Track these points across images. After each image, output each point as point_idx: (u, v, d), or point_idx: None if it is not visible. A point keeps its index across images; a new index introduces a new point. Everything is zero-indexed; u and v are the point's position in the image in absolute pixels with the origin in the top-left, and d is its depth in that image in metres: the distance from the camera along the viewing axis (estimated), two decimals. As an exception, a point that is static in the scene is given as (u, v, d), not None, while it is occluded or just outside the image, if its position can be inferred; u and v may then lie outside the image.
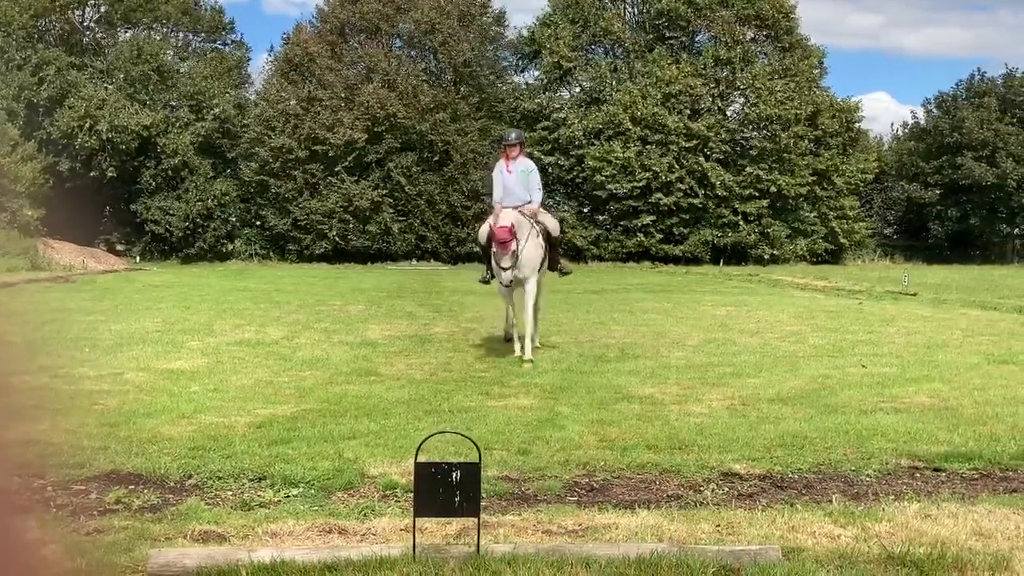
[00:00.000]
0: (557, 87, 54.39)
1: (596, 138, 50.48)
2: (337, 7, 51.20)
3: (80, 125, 47.44)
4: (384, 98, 47.17)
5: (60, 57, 49.28)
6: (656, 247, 50.07)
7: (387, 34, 51.15)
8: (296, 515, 5.28)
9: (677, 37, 53.09)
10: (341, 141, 47.15)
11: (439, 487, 4.40)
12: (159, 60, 50.94)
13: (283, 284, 29.20)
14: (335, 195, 47.62)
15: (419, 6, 50.39)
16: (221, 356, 12.05)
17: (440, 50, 50.37)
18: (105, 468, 6.33)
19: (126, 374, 10.44)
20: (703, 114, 50.93)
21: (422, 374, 10.75)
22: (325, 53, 49.39)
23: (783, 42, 53.26)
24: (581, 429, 7.62)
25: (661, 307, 20.46)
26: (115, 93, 49.27)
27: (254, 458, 6.61)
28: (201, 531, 4.93)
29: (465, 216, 48.29)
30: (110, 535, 4.89)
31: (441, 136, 48.62)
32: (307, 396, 9.23)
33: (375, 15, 49.92)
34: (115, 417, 7.98)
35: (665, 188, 49.31)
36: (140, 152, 49.49)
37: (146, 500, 5.66)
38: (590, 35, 53.38)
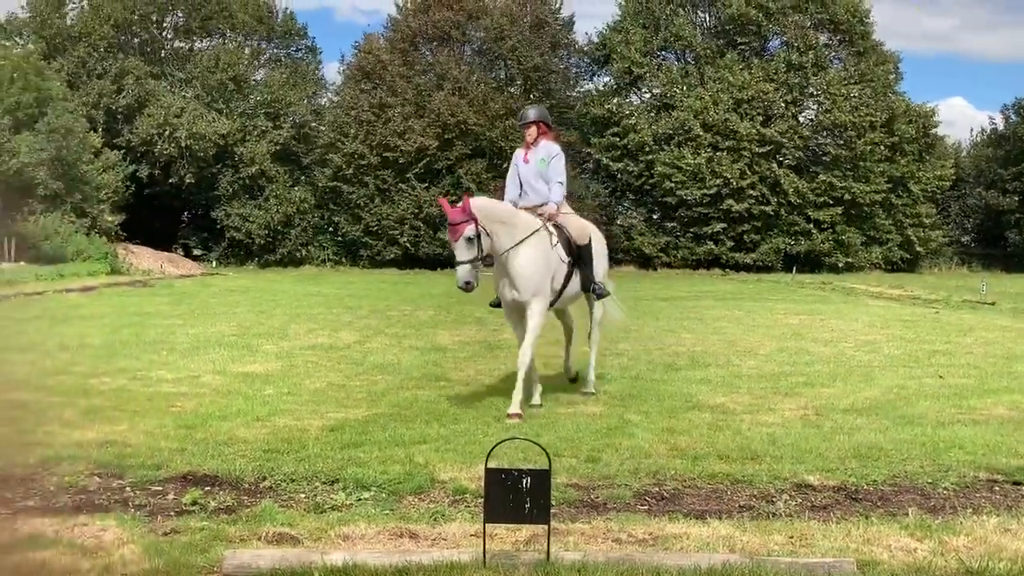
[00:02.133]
0: (627, 92, 54.21)
1: (666, 144, 50.21)
2: (409, 16, 51.67)
3: (159, 133, 48.51)
4: (454, 105, 47.44)
5: (139, 66, 50.43)
6: (727, 255, 49.61)
7: (458, 41, 51.48)
8: (368, 518, 5.32)
9: (749, 42, 52.57)
10: (412, 148, 47.54)
11: (509, 493, 4.40)
12: (235, 69, 51.86)
13: (355, 289, 29.50)
14: (406, 201, 48.04)
15: (490, 13, 50.64)
16: (295, 360, 12.20)
17: (510, 57, 50.52)
18: (182, 469, 6.44)
19: (203, 377, 10.63)
20: (775, 120, 50.36)
21: (491, 380, 10.77)
22: (396, 61, 49.86)
23: (857, 47, 52.45)
24: (651, 437, 7.57)
25: (732, 315, 20.24)
26: (193, 101, 50.27)
27: (327, 461, 6.68)
28: (275, 533, 4.99)
29: (535, 223, 48.32)
30: (186, 536, 4.97)
31: (511, 143, 48.63)
32: (378, 400, 9.30)
33: (446, 23, 50.26)
34: (192, 419, 8.12)
35: (736, 195, 48.85)
36: (217, 159, 50.44)
37: (221, 502, 5.75)
38: (661, 40, 53.11)
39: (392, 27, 52.74)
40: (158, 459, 6.65)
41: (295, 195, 50.67)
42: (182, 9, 53.73)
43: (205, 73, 51.22)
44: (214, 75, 51.04)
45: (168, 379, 10.44)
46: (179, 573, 4.40)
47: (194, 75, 52.11)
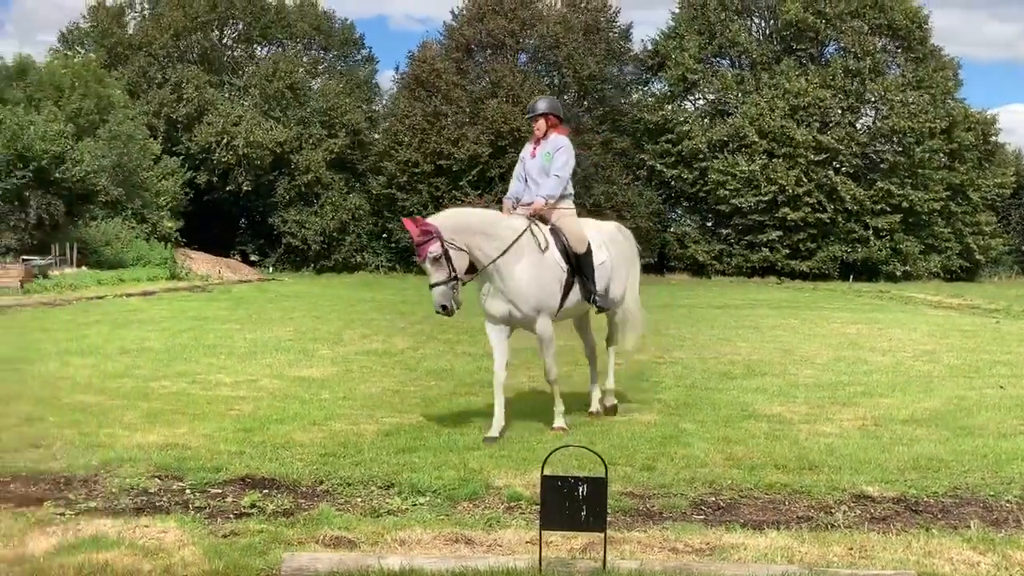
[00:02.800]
0: (681, 99, 53.95)
1: (720, 151, 49.89)
2: (464, 24, 51.90)
3: (217, 141, 49.20)
4: (508, 113, 47.54)
5: (199, 75, 51.19)
6: (782, 262, 49.14)
7: (512, 49, 51.59)
8: (423, 523, 5.34)
9: (805, 48, 52.08)
10: (465, 155, 47.74)
11: (565, 501, 4.39)
12: (293, 77, 52.45)
13: (408, 295, 29.64)
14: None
15: (545, 21, 50.71)
16: (350, 365, 12.29)
17: (565, 64, 50.53)
18: (241, 472, 6.52)
19: (260, 381, 10.74)
20: (832, 127, 49.81)
21: (543, 387, 10.73)
22: (451, 69, 50.09)
23: (916, 52, 51.72)
24: (707, 447, 7.52)
25: (788, 324, 20.03)
26: (251, 110, 50.92)
27: (382, 465, 6.73)
28: (332, 537, 5.03)
29: (587, 230, 48.26)
30: (245, 538, 5.03)
31: (564, 150, 48.74)
32: (432, 406, 9.34)
33: (501, 31, 50.42)
34: (250, 423, 8.21)
35: (792, 202, 48.38)
36: (274, 167, 51.05)
37: (279, 504, 5.80)
38: (716, 46, 52.80)
39: (447, 35, 53.02)
40: (217, 462, 6.73)
41: (350, 202, 51.11)
42: (241, 18, 54.44)
43: (263, 82, 51.87)
44: (272, 84, 51.66)
45: (227, 383, 10.57)
46: (238, 575, 4.45)
47: (252, 83, 52.79)
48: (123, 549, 4.77)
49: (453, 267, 7.77)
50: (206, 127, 49.37)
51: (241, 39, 55.71)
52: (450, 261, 7.75)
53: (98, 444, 7.26)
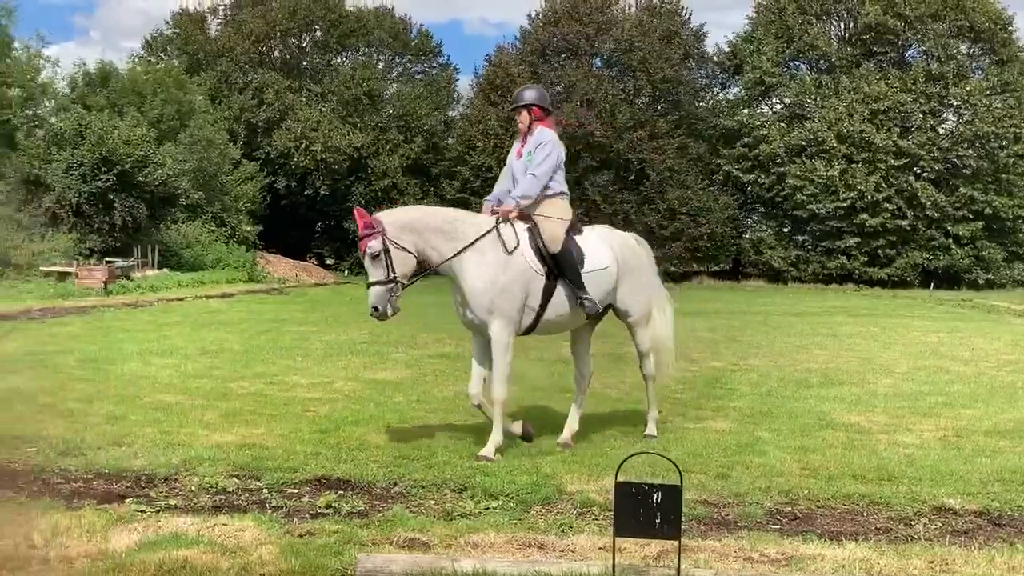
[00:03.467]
0: (758, 103, 53.36)
1: (798, 156, 49.20)
2: (540, 28, 51.99)
3: (296, 146, 49.96)
4: (582, 117, 47.48)
5: (279, 80, 52.04)
6: (860, 269, 48.28)
7: (587, 54, 51.53)
8: (496, 527, 5.35)
9: (886, 52, 51.15)
10: (538, 160, 47.72)
11: (639, 507, 4.36)
12: (370, 83, 53.04)
13: (481, 300, 29.71)
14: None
15: (620, 25, 50.57)
16: (423, 368, 12.38)
17: (639, 68, 50.32)
18: (316, 473, 6.60)
19: (336, 383, 10.88)
20: (913, 131, 48.83)
21: (616, 393, 10.73)
22: (525, 73, 50.19)
23: (1000, 55, 50.46)
24: (783, 455, 7.41)
25: (867, 332, 19.67)
26: (329, 115, 51.62)
27: (455, 469, 6.76)
28: (406, 538, 5.07)
29: (661, 236, 47.99)
30: (321, 538, 5.08)
31: (638, 154, 48.55)
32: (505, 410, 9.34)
33: (576, 35, 50.40)
34: (326, 424, 8.32)
35: (871, 208, 47.52)
36: (351, 172, 51.66)
37: (354, 505, 5.86)
38: (794, 50, 52.11)
39: (522, 39, 53.17)
40: (294, 462, 6.83)
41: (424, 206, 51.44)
42: (320, 25, 55.21)
43: (341, 87, 52.53)
44: (350, 89, 52.28)
45: (303, 384, 10.72)
46: (314, 574, 4.51)
47: (331, 89, 53.50)
48: (202, 546, 4.86)
49: (392, 268, 7.24)
50: (285, 132, 50.15)
51: (319, 46, 56.49)
52: (390, 261, 7.24)
53: (178, 443, 7.41)
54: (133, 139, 35.89)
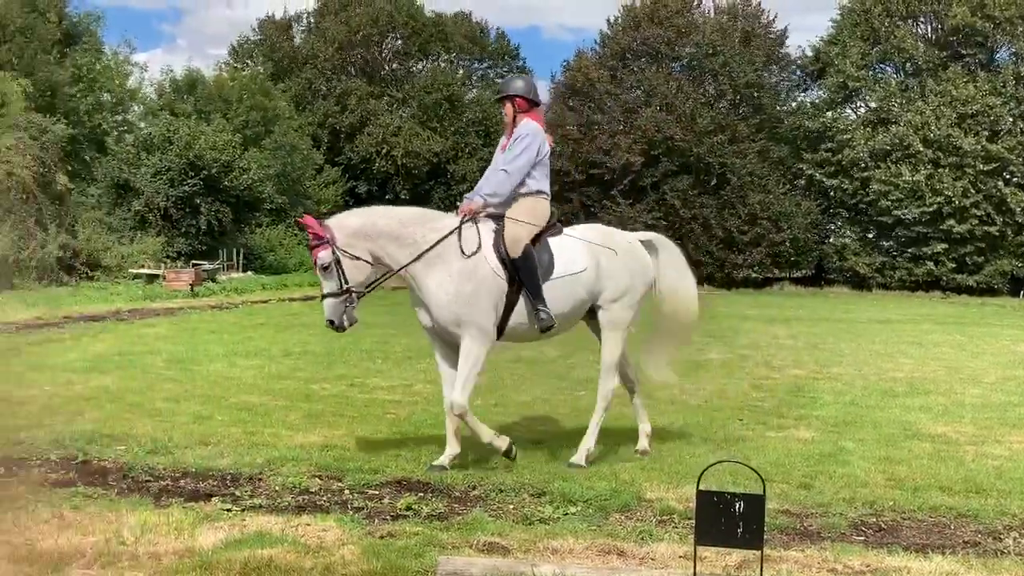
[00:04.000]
0: (842, 107, 52.44)
1: (883, 160, 48.20)
2: (620, 33, 51.83)
3: (377, 151, 50.53)
4: (662, 121, 47.20)
5: (361, 87, 52.69)
6: (948, 276, 47.10)
7: (667, 57, 51.22)
8: (575, 533, 5.34)
9: (974, 54, 49.86)
10: (618, 165, 47.61)
11: (721, 516, 4.32)
12: (450, 88, 53.43)
13: (559, 304, 29.70)
14: (609, 218, 48.07)
15: (701, 29, 50.17)
16: (501, 372, 12.38)
17: (720, 72, 49.85)
18: (396, 475, 6.67)
19: (415, 386, 10.98)
20: (1002, 135, 47.50)
21: (696, 400, 10.63)
22: (605, 78, 50.07)
23: (1095, 57, 48.84)
24: (867, 466, 7.28)
25: (954, 340, 19.19)
26: (409, 120, 52.13)
27: (534, 473, 6.77)
28: (486, 542, 5.09)
29: (741, 241, 47.48)
30: (402, 540, 5.13)
31: (718, 158, 48.04)
32: (583, 416, 9.27)
33: (656, 39, 50.11)
34: (406, 426, 8.41)
35: (959, 214, 46.34)
36: (430, 176, 52.08)
37: (434, 508, 5.91)
38: (880, 53, 51.09)
39: (602, 44, 53.05)
40: (374, 464, 6.91)
41: (503, 211, 51.65)
42: (401, 32, 55.81)
43: (421, 93, 53.02)
44: (430, 95, 52.74)
45: (383, 387, 10.84)
46: (395, 575, 4.56)
47: (411, 95, 54.03)
48: (286, 546, 4.94)
49: (344, 278, 6.85)
50: (366, 138, 50.76)
51: (400, 52, 57.10)
52: (341, 271, 6.86)
53: (263, 443, 7.54)
54: (219, 144, 36.69)
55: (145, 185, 35.66)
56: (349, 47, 54.46)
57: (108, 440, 7.54)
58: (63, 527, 5.23)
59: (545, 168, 7.47)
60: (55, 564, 4.67)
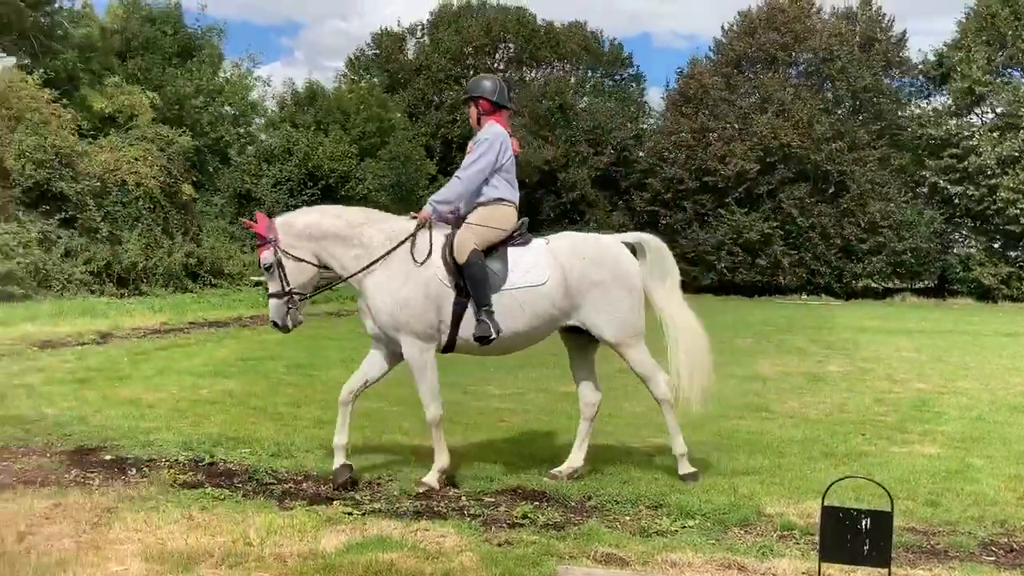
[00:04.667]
0: (967, 113, 50.76)
1: (1011, 167, 46.47)
2: (734, 39, 51.22)
3: (488, 160, 50.84)
4: (778, 128, 46.40)
5: (479, 97, 53.12)
6: (1080, 287, 45.17)
7: (783, 63, 50.37)
8: (694, 547, 5.30)
9: (1109, 57, 47.74)
10: (732, 172, 46.98)
11: (847, 533, 4.24)
12: (563, 97, 53.54)
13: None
14: (724, 227, 47.48)
15: (818, 34, 49.21)
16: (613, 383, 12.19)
17: (838, 77, 48.79)
18: (512, 484, 6.71)
19: (527, 394, 11.01)
20: None
21: (816, 413, 10.40)
22: (719, 85, 49.51)
23: None
24: (997, 484, 7.03)
25: (1088, 354, 18.37)
26: (520, 129, 52.38)
27: (650, 485, 6.74)
28: (603, 553, 5.08)
29: (860, 250, 46.30)
30: (519, 548, 5.16)
31: (837, 166, 46.96)
32: (698, 428, 9.21)
33: (772, 45, 49.33)
34: (519, 435, 8.46)
35: (1091, 222, 44.41)
36: (541, 185, 52.22)
37: (550, 517, 5.92)
38: (1007, 57, 49.33)
39: (716, 50, 52.51)
40: (490, 472, 6.96)
41: (614, 220, 51.52)
42: (513, 41, 56.16)
43: (533, 102, 53.23)
44: (542, 103, 52.92)
45: (496, 395, 10.91)
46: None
47: (523, 104, 54.31)
48: (406, 551, 5.02)
49: (286, 280, 6.78)
50: (478, 147, 51.14)
51: (513, 61, 57.45)
52: (283, 273, 6.80)
53: (380, 448, 7.68)
54: (336, 155, 37.48)
55: (266, 195, 36.65)
56: (462, 57, 55.06)
57: (233, 443, 7.77)
58: (192, 527, 5.40)
59: (507, 174, 7.16)
60: (185, 563, 4.83)
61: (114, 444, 7.75)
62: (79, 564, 4.78)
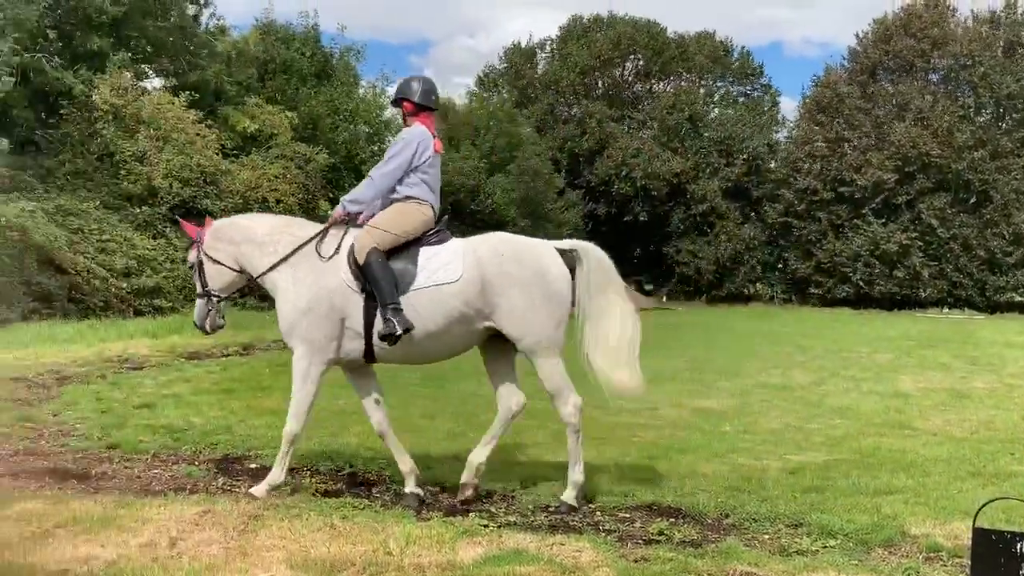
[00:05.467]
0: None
1: None
2: (869, 47, 49.92)
3: (617, 173, 50.80)
4: (916, 136, 44.95)
5: (601, 110, 53.19)
6: None
7: (921, 70, 48.81)
8: (836, 567, 5.16)
9: None
10: (869, 182, 45.72)
11: (1000, 557, 4.07)
12: (693, 108, 53.05)
13: (805, 328, 28.81)
14: (860, 238, 46.22)
15: (958, 39, 47.52)
16: (749, 398, 12.17)
17: (980, 84, 46.99)
18: (647, 500, 6.66)
19: (660, 409, 10.90)
20: None
21: (961, 431, 10.02)
22: (855, 93, 48.30)
23: None
24: None
25: None
26: (650, 142, 52.13)
27: (789, 503, 6.59)
28: (742, 572, 4.99)
29: (1005, 263, 44.40)
30: (656, 565, 5.11)
31: (979, 175, 45.19)
32: (838, 445, 9.00)
33: (909, 52, 47.88)
34: (653, 450, 8.37)
35: None
36: (670, 197, 51.81)
37: (686, 535, 5.85)
38: None
39: (851, 58, 51.26)
40: (624, 487, 6.92)
41: (745, 232, 50.71)
42: (643, 54, 55.97)
43: (663, 114, 52.91)
44: (671, 115, 52.56)
45: (628, 409, 10.79)
46: (651, 601, 4.55)
47: (652, 116, 54.04)
48: (542, 564, 5.02)
49: (204, 280, 6.90)
50: (606, 160, 51.15)
51: (642, 74, 57.23)
52: (201, 274, 6.93)
53: (513, 462, 7.72)
54: (466, 170, 37.96)
55: (397, 210, 37.32)
56: (591, 71, 55.11)
57: (371, 453, 7.91)
58: (334, 536, 5.52)
59: (424, 174, 6.93)
60: (328, 571, 4.95)
61: (258, 453, 8.00)
62: (228, 570, 4.95)
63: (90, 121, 25.86)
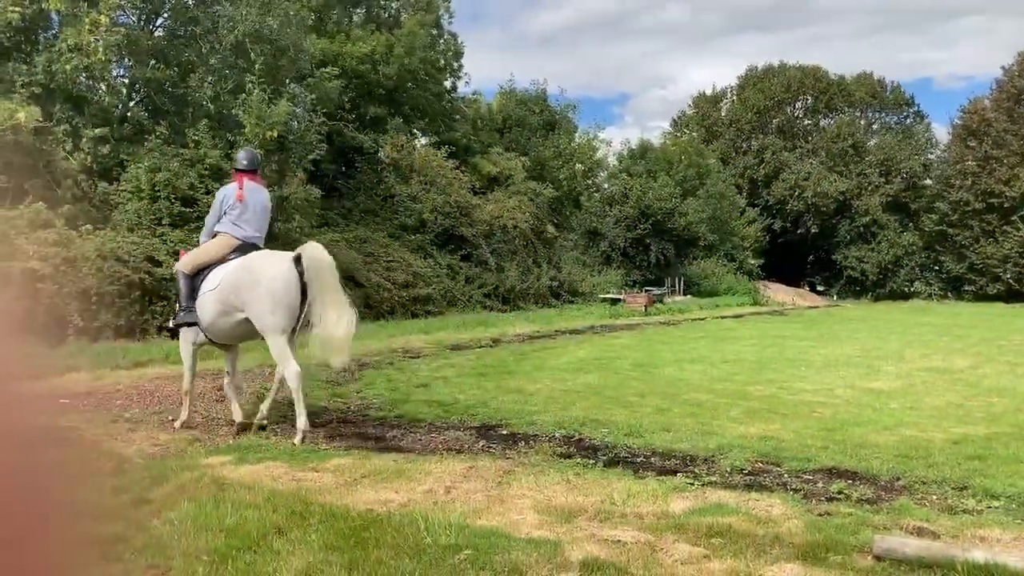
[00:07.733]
0: None
1: None
2: (1015, 76, 45.77)
3: (790, 193, 48.90)
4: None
5: (775, 142, 51.34)
6: None
7: (1066, 92, 44.25)
8: (1002, 525, 4.75)
9: None
10: (1017, 194, 41.89)
11: None
12: (854, 137, 50.45)
13: (961, 320, 26.64)
14: (1010, 242, 42.38)
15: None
16: (913, 380, 11.37)
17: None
18: (827, 464, 6.35)
19: (836, 390, 10.37)
20: None
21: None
22: (1002, 119, 44.39)
23: None
24: None
25: None
26: (818, 167, 49.89)
27: (954, 469, 6.12)
28: (914, 526, 4.69)
29: None
30: (838, 519, 4.87)
31: None
32: (997, 420, 8.27)
33: (1055, 78, 43.54)
34: (831, 424, 7.97)
35: None
36: (837, 212, 49.41)
37: (862, 494, 5.54)
38: None
39: (997, 88, 47.16)
40: (806, 454, 6.63)
41: (904, 239, 47.65)
42: (811, 94, 53.69)
43: (829, 143, 50.57)
44: (836, 144, 50.15)
45: (807, 390, 10.38)
46: (835, 547, 4.34)
47: (819, 145, 51.75)
48: (740, 515, 4.89)
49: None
50: (781, 183, 49.35)
51: (810, 110, 54.84)
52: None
53: (711, 432, 7.54)
54: (663, 196, 37.46)
55: (609, 231, 37.40)
56: (766, 111, 53.33)
57: (595, 424, 7.93)
58: (570, 488, 5.58)
59: (229, 215, 7.60)
60: (567, 516, 5.00)
61: (508, 422, 8.18)
62: (489, 512, 5.09)
63: (377, 171, 27.33)
